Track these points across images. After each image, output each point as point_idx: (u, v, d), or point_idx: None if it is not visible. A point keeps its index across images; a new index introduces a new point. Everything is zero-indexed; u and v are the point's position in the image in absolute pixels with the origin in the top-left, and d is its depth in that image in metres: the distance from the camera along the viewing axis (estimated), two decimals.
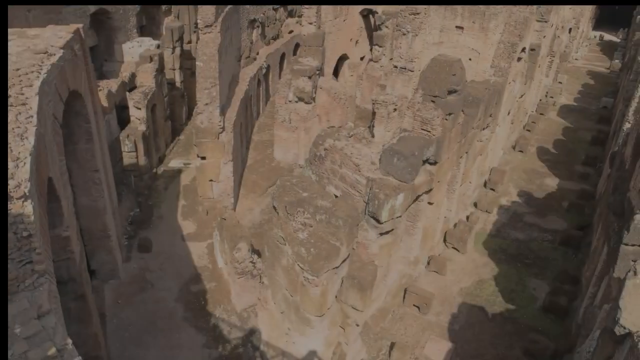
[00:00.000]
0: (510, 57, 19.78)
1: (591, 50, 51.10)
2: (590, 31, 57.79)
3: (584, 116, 31.72)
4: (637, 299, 6.77)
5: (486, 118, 18.07)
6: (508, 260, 17.67)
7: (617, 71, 41.29)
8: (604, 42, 55.51)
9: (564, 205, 21.08)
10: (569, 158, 25.64)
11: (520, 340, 14.49)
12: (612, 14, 63.97)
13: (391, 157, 13.14)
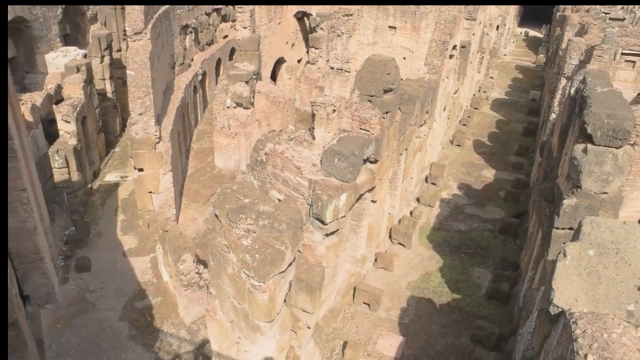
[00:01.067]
0: (443, 55, 20.39)
1: (518, 46, 53.62)
2: (516, 28, 60.66)
3: (515, 109, 33.23)
4: (567, 279, 7.08)
5: (423, 115, 18.51)
6: (452, 251, 18.17)
7: (543, 65, 43.56)
8: (529, 37, 58.37)
9: (501, 195, 21.95)
10: (503, 149, 26.76)
11: (467, 328, 14.92)
12: (535, 11, 67.54)
13: (332, 158, 13.18)
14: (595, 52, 18.38)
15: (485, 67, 37.04)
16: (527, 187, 22.21)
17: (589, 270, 7.08)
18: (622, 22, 25.18)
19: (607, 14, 27.49)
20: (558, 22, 45.68)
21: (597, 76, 12.15)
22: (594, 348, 5.97)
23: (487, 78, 37.64)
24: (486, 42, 33.90)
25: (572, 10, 33.67)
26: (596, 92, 10.98)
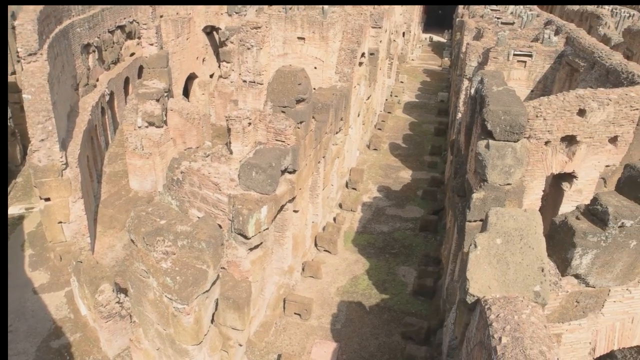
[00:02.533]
0: (352, 63, 20.94)
1: (424, 51, 56.37)
2: (421, 34, 63.81)
3: (426, 110, 34.81)
4: (480, 268, 7.45)
5: (338, 122, 18.86)
6: (377, 253, 18.60)
7: (448, 68, 46.09)
8: (434, 42, 61.60)
9: (419, 194, 22.82)
10: (417, 150, 27.90)
11: (397, 326, 15.29)
12: (438, 18, 71.52)
13: (249, 171, 13.06)
14: (491, 54, 19.69)
15: (395, 72, 38.55)
16: (442, 184, 23.27)
17: (498, 257, 7.48)
18: (512, 25, 27.19)
19: (499, 19, 29.57)
20: (458, 27, 48.65)
21: (493, 76, 12.99)
22: (507, 330, 6.30)
23: (398, 83, 39.18)
24: (394, 49, 35.31)
25: (469, 16, 35.89)
26: (493, 91, 11.73)
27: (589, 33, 27.36)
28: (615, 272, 7.78)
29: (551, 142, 11.45)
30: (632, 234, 7.36)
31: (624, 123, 11.80)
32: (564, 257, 7.58)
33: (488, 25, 25.58)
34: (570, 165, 11.93)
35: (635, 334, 8.86)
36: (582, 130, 11.48)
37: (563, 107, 11.18)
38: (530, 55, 19.75)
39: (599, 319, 8.35)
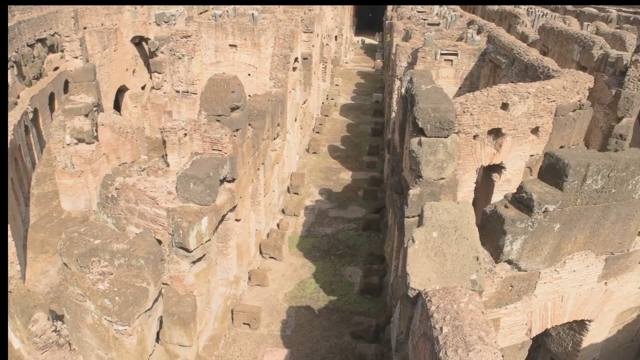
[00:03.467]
0: (286, 68, 21.00)
1: (357, 54, 57.43)
2: (353, 37, 64.96)
3: (362, 112, 35.47)
4: (419, 262, 7.66)
5: (275, 128, 18.84)
6: (322, 256, 18.71)
7: (381, 69, 47.17)
8: (366, 45, 62.86)
9: (360, 194, 23.20)
10: (356, 151, 28.35)
11: (347, 326, 15.44)
12: (368, 21, 73.15)
13: (187, 183, 12.79)
14: (420, 54, 20.37)
15: (330, 75, 39.02)
16: (382, 183, 23.77)
17: (435, 250, 7.73)
18: (438, 26, 28.26)
19: (425, 20, 30.64)
20: (388, 29, 49.97)
21: (421, 75, 13.44)
22: (447, 319, 6.52)
23: (333, 86, 39.68)
24: (327, 52, 35.74)
25: (397, 18, 36.93)
26: (422, 89, 12.13)
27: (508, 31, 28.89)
28: (543, 255, 8.23)
29: (479, 136, 11.99)
30: (556, 217, 7.83)
31: (543, 114, 12.55)
32: (496, 245, 7.94)
33: (415, 27, 26.43)
34: (498, 157, 12.54)
35: (566, 311, 9.42)
36: (506, 123, 12.10)
37: (487, 102, 11.74)
38: (456, 54, 20.61)
39: (533, 301, 8.81)
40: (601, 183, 7.86)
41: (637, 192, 8.29)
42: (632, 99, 17.38)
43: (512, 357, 9.50)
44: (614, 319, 10.29)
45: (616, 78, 18.00)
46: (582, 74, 14.50)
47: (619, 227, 8.63)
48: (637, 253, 9.36)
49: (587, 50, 19.63)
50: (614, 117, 17.89)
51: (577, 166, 7.59)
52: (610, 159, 7.98)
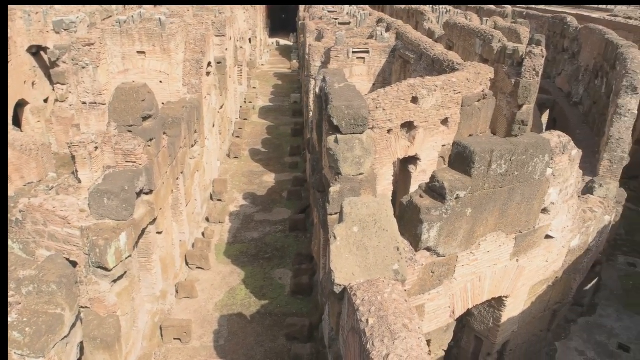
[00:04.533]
0: (199, 73, 20.52)
1: (272, 55, 57.37)
2: (268, 39, 64.84)
3: (281, 113, 35.48)
4: (342, 257, 7.76)
5: (192, 135, 18.35)
6: (251, 261, 18.50)
7: (297, 70, 47.45)
8: (281, 46, 62.97)
9: (284, 196, 23.18)
10: (278, 153, 28.31)
11: (281, 328, 15.36)
12: (282, 22, 73.34)
13: (100, 199, 12.13)
14: (332, 53, 20.69)
15: (247, 78, 38.67)
16: (305, 183, 23.89)
17: (357, 245, 7.86)
18: (349, 25, 28.88)
19: (337, 20, 31.21)
20: (301, 29, 50.38)
21: (334, 74, 13.63)
22: (373, 311, 6.65)
23: (250, 89, 39.36)
24: (242, 55, 35.37)
25: (309, 18, 37.30)
26: (335, 88, 12.30)
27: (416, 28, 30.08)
28: (459, 240, 8.64)
29: (393, 130, 12.37)
30: (467, 203, 8.24)
31: (451, 106, 13.19)
32: (415, 234, 8.22)
33: (327, 26, 26.83)
34: (412, 149, 13.01)
35: (484, 291, 9.95)
36: (417, 116, 12.58)
37: (398, 96, 12.14)
38: (367, 51, 21.15)
39: (453, 284, 9.23)
40: (505, 167, 8.37)
41: (537, 173, 8.92)
42: (530, 87, 18.70)
43: (439, 340, 9.90)
44: (527, 292, 11.03)
45: (514, 69, 19.29)
46: (484, 66, 15.40)
47: (525, 207, 9.24)
48: (542, 229, 10.09)
49: (487, 43, 20.86)
50: (515, 105, 19.15)
51: (482, 153, 8.03)
52: (511, 144, 8.52)
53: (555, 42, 31.44)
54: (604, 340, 15.17)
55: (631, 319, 16.10)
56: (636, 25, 33.82)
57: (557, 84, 30.24)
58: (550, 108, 27.20)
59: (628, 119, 16.36)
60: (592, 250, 13.01)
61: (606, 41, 21.64)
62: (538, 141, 8.85)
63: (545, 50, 19.48)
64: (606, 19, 35.60)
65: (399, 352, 5.90)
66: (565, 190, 10.14)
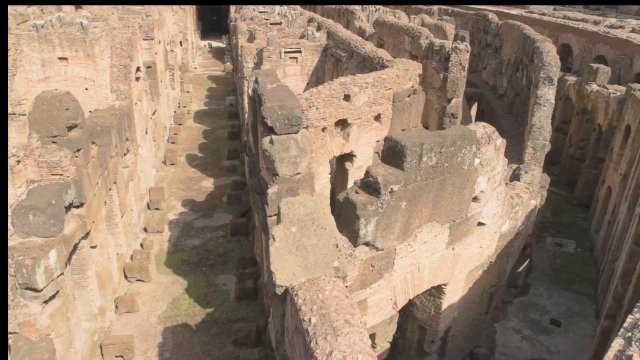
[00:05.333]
0: (128, 79, 19.79)
1: (205, 58, 56.30)
2: (200, 41, 63.54)
3: (217, 116, 34.88)
4: (282, 258, 7.74)
5: (124, 143, 17.69)
6: (193, 269, 18.07)
7: (231, 71, 46.82)
8: (214, 49, 61.87)
9: (224, 200, 22.82)
10: (215, 157, 27.82)
11: (228, 335, 15.12)
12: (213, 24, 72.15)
13: (24, 215, 11.44)
14: (264, 54, 20.59)
15: (179, 82, 37.74)
16: (245, 186, 23.63)
17: (296, 245, 7.87)
18: (280, 25, 28.82)
19: (268, 20, 31.08)
20: (233, 31, 49.75)
21: (266, 75, 13.54)
22: (314, 310, 6.67)
23: (184, 93, 38.45)
24: (173, 59, 34.48)
25: (240, 19, 36.91)
26: (267, 89, 12.23)
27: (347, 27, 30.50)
28: (396, 232, 8.84)
29: (327, 128, 12.47)
30: (401, 196, 8.44)
31: (382, 102, 13.47)
32: (353, 230, 8.33)
33: (258, 27, 26.64)
34: (348, 146, 13.18)
35: (424, 280, 10.25)
36: (350, 113, 12.75)
37: (331, 94, 12.26)
38: (299, 51, 21.21)
39: (393, 276, 9.43)
40: (435, 159, 8.65)
41: (465, 163, 9.28)
42: (457, 81, 19.45)
43: (383, 332, 10.09)
44: (464, 279, 11.46)
45: (442, 64, 20.00)
46: (412, 62, 15.84)
47: (456, 197, 9.59)
48: (474, 217, 10.51)
49: (415, 40, 21.49)
50: (445, 99, 19.86)
51: (413, 146, 8.25)
52: (440, 136, 8.82)
53: (479, 37, 32.90)
54: (538, 317, 16.04)
55: (560, 295, 17.12)
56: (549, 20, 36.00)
57: (483, 77, 31.66)
58: (478, 100, 28.44)
59: (547, 108, 17.38)
60: (521, 234, 13.71)
61: (524, 36, 22.87)
62: (465, 133, 9.22)
63: (470, 46, 20.34)
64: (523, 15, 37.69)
65: (342, 348, 5.95)
66: (493, 179, 10.62)
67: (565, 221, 22.01)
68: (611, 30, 30.97)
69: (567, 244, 20.24)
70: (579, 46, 31.80)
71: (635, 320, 4.97)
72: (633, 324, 4.94)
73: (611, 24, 32.60)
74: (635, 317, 5.03)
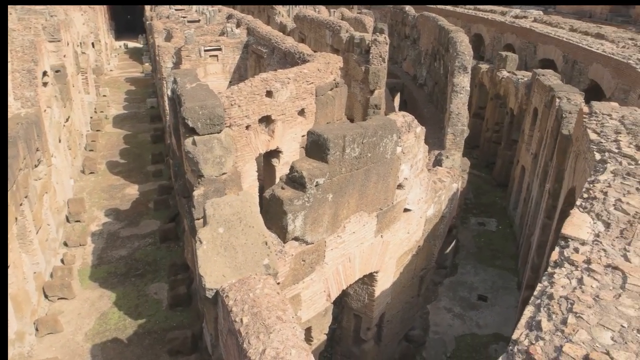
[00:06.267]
0: (34, 84, 18.49)
1: (121, 59, 53.92)
2: (114, 42, 60.71)
3: (138, 120, 33.48)
4: (210, 261, 7.55)
5: (34, 154, 16.53)
6: (121, 281, 17.25)
7: (150, 72, 45.11)
8: (130, 49, 59.38)
9: (151, 207, 21.96)
10: (138, 163, 26.69)
11: (162, 345, 14.58)
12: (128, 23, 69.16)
13: None
14: (183, 53, 19.98)
15: (94, 86, 35.85)
16: (172, 190, 22.87)
17: (224, 246, 7.69)
18: (199, 23, 28.11)
19: (185, 18, 30.20)
20: (149, 30, 47.94)
21: (184, 74, 13.15)
22: (246, 309, 6.55)
23: (100, 97, 36.58)
24: (85, 61, 32.69)
25: (156, 18, 35.60)
26: (187, 89, 11.88)
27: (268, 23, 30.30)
28: (325, 225, 8.86)
29: (251, 126, 12.30)
30: (327, 188, 8.47)
31: (305, 96, 13.47)
32: (281, 226, 8.25)
33: (175, 25, 25.83)
34: (273, 143, 13.08)
35: (355, 270, 10.37)
36: (274, 110, 12.65)
37: (252, 92, 12.09)
38: (219, 49, 20.78)
39: (325, 269, 9.47)
40: (358, 150, 8.74)
41: (388, 152, 9.47)
42: (379, 73, 19.88)
43: (319, 325, 10.12)
44: (395, 264, 11.74)
45: (363, 56, 20.36)
46: (333, 56, 15.97)
47: (381, 185, 9.77)
48: (400, 204, 10.78)
49: (336, 34, 21.71)
50: (368, 91, 20.25)
51: (335, 139, 8.29)
52: (362, 127, 8.93)
53: (398, 29, 33.84)
54: (466, 294, 16.81)
55: (485, 271, 18.05)
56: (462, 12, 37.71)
57: (404, 68, 32.62)
58: (400, 91, 29.28)
59: (463, 95, 18.18)
60: (446, 217, 14.25)
61: (439, 27, 23.75)
62: (385, 122, 9.40)
63: (389, 38, 20.84)
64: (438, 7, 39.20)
65: (275, 345, 5.89)
66: (416, 165, 10.93)
67: (487, 201, 23.20)
68: (516, 20, 32.98)
69: (490, 223, 21.35)
70: (489, 35, 33.57)
71: (543, 288, 5.29)
72: (541, 291, 5.24)
73: (516, 14, 34.71)
74: (543, 285, 5.34)
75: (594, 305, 5.01)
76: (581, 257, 5.98)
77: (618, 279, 5.47)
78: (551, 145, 15.33)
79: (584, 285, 5.35)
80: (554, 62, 25.92)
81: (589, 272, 5.62)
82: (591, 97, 17.75)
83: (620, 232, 6.51)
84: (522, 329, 4.81)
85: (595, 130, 10.40)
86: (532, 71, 21.40)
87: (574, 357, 4.35)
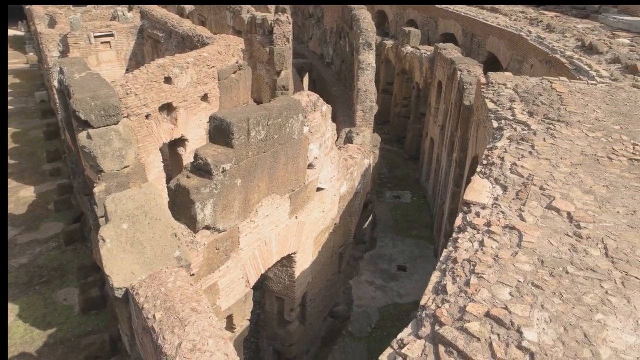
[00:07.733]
0: None
1: None
2: None
3: (27, 116, 30.77)
4: (116, 259, 7.16)
5: None
6: (24, 291, 15.96)
7: (37, 63, 41.45)
8: (11, 38, 54.00)
9: (51, 208, 20.41)
10: (32, 162, 24.62)
11: (78, 353, 13.79)
12: None
13: None
14: (70, 41, 18.54)
15: None
16: (72, 189, 21.41)
17: (130, 242, 7.32)
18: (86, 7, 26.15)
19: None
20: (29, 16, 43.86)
21: (72, 64, 12.17)
22: (158, 305, 6.32)
23: None
24: None
25: None
26: (75, 79, 11.02)
27: None
28: (236, 211, 8.71)
29: (152, 115, 11.72)
30: (235, 174, 8.30)
31: (207, 81, 13.05)
32: (190, 216, 7.99)
33: (59, 10, 23.82)
34: (177, 131, 12.58)
35: (273, 253, 10.35)
36: (175, 97, 12.14)
37: (150, 79, 11.49)
38: (112, 34, 19.55)
39: (241, 255, 9.34)
40: (264, 133, 8.63)
41: (295, 133, 9.44)
42: (284, 53, 19.70)
43: (240, 312, 10.02)
44: (312, 244, 11.86)
45: (267, 37, 20.05)
46: (233, 38, 15.57)
47: (291, 167, 9.76)
48: (312, 184, 10.85)
49: (237, 15, 21.17)
50: (274, 72, 20.03)
51: (239, 122, 8.10)
52: (266, 109, 8.81)
53: (302, 8, 33.69)
54: (387, 267, 17.44)
55: (403, 243, 18.81)
56: None
57: (310, 47, 32.64)
58: (309, 71, 29.30)
59: (370, 72, 18.55)
60: (360, 193, 14.60)
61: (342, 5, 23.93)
62: (290, 103, 9.34)
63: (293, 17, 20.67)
64: None
65: (191, 337, 5.74)
66: (325, 144, 11.02)
67: (401, 175, 24.08)
68: None
69: (404, 195, 22.20)
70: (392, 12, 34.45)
71: (448, 253, 5.56)
72: (447, 257, 5.51)
73: None
74: (449, 251, 5.62)
75: (494, 265, 5.35)
76: (482, 220, 6.34)
77: (515, 238, 5.86)
78: (455, 117, 16.11)
79: (485, 247, 5.68)
80: (454, 36, 27.16)
81: (489, 234, 5.97)
82: (490, 69, 18.86)
83: (516, 194, 6.98)
84: (430, 295, 5.03)
85: (492, 100, 11.03)
86: (434, 46, 22.24)
87: (476, 315, 4.62)
